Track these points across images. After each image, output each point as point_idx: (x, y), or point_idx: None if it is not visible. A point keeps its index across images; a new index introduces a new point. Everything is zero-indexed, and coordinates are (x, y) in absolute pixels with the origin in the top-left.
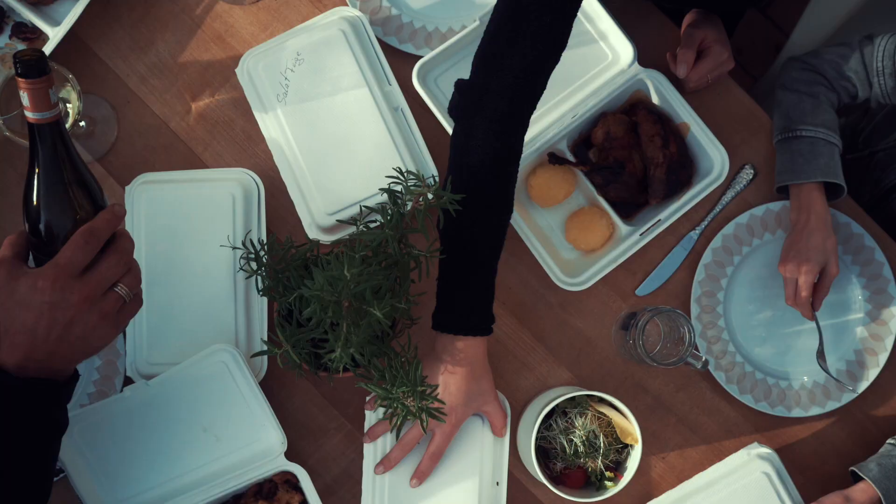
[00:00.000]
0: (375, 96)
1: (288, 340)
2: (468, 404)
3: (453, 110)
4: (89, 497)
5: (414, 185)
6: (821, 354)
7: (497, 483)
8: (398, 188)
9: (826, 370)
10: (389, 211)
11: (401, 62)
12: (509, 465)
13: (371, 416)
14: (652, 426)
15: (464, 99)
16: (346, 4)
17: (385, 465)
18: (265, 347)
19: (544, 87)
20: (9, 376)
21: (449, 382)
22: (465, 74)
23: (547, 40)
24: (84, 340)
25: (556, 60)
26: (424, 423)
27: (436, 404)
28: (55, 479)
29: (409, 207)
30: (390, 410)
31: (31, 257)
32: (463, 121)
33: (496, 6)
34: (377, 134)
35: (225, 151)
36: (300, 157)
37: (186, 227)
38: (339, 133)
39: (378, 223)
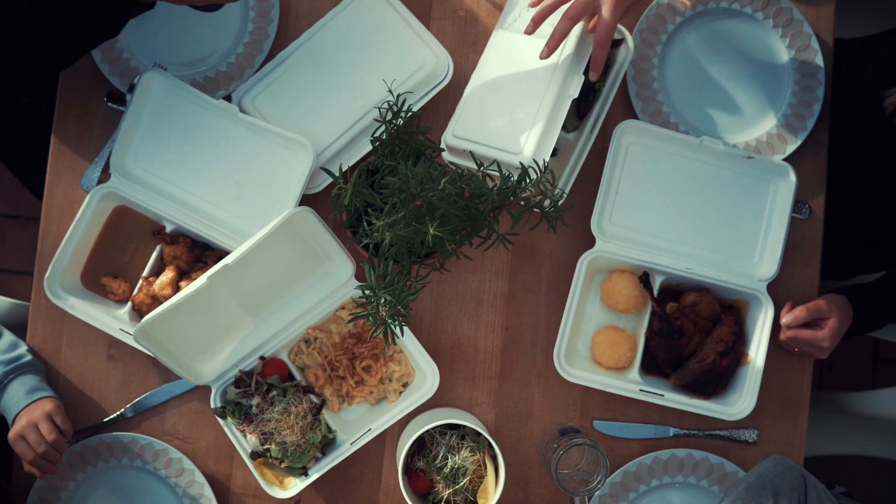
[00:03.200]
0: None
1: (354, 185)
2: None
3: None
4: (125, 136)
5: (543, 185)
6: None
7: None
8: (533, 175)
9: None
10: (510, 183)
11: (619, 104)
12: (392, 425)
13: None
14: None
15: None
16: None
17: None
18: (337, 173)
19: None
20: None
21: None
22: (657, 154)
23: None
24: None
25: None
26: (375, 333)
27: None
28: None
29: (524, 193)
30: (365, 301)
31: None
32: None
33: None
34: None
35: (448, 33)
36: (488, 84)
37: (372, 49)
38: (521, 92)
39: (493, 184)
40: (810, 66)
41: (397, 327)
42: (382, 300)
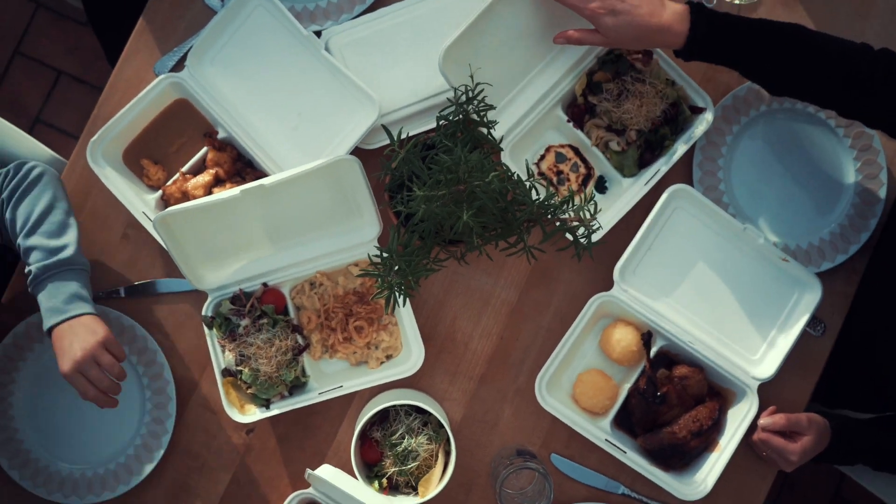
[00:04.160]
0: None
1: (409, 153)
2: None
3: None
4: (210, 36)
5: (584, 210)
6: None
7: None
8: (577, 202)
9: None
10: (553, 200)
11: (680, 167)
12: (363, 389)
13: None
14: None
15: None
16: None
17: None
18: (395, 135)
19: None
20: None
21: None
22: (699, 226)
23: None
24: None
25: None
26: (378, 295)
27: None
28: None
29: (565, 215)
30: (380, 262)
31: None
32: None
33: None
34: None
35: None
36: None
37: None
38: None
39: (537, 196)
40: (872, 196)
41: (401, 296)
42: (396, 267)
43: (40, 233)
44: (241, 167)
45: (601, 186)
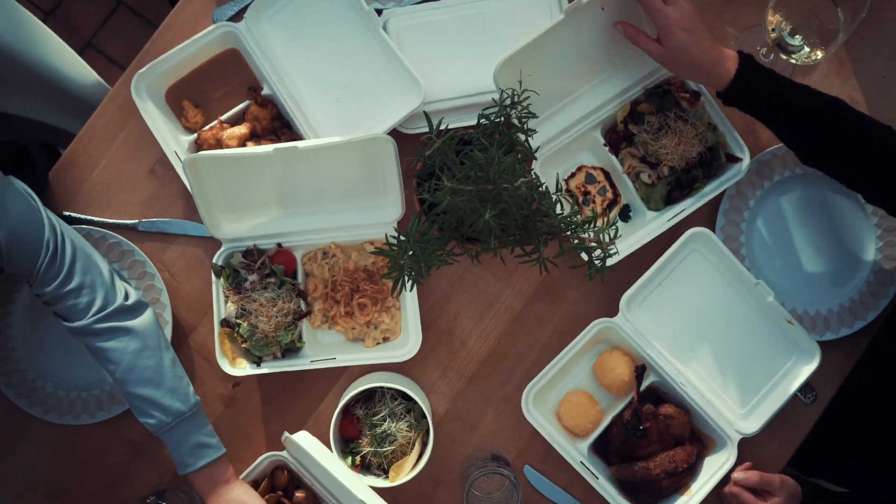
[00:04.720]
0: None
1: (445, 144)
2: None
3: None
4: None
5: (604, 233)
6: None
7: None
8: (599, 224)
9: None
10: (576, 217)
11: (705, 210)
12: (355, 366)
13: None
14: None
15: None
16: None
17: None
18: (435, 124)
19: None
20: None
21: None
22: (712, 273)
23: None
24: None
25: None
26: (388, 275)
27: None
28: None
29: (584, 234)
30: (396, 244)
31: None
32: None
33: None
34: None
35: None
36: None
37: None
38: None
39: (561, 211)
40: (888, 276)
41: (410, 281)
42: (411, 252)
43: (144, 383)
44: (278, 126)
45: (625, 215)
